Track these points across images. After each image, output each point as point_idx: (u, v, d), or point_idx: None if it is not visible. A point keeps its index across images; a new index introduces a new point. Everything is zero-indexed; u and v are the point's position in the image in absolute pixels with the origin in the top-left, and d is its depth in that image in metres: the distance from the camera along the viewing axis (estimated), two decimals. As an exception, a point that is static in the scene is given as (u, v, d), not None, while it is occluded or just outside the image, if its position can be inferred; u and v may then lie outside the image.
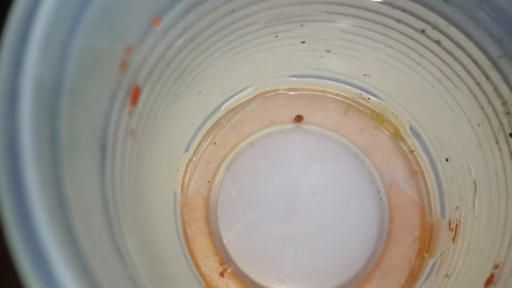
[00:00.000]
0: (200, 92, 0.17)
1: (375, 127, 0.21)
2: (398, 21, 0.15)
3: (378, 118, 0.21)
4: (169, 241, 0.16)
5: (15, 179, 0.08)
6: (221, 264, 0.19)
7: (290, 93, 0.21)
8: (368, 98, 0.20)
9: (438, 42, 0.15)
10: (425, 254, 0.19)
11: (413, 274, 0.19)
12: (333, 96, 0.21)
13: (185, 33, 0.13)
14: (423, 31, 0.15)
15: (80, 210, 0.09)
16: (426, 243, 0.20)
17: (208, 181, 0.20)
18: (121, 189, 0.12)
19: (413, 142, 0.20)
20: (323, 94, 0.21)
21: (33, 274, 0.07)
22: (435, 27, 0.14)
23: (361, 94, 0.20)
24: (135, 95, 0.12)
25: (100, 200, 0.10)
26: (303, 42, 0.18)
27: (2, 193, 0.08)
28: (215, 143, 0.20)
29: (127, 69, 0.11)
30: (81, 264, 0.08)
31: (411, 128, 0.20)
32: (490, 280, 0.14)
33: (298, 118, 0.21)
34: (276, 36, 0.17)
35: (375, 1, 0.15)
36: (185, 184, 0.20)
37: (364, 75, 0.19)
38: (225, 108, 0.20)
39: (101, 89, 0.10)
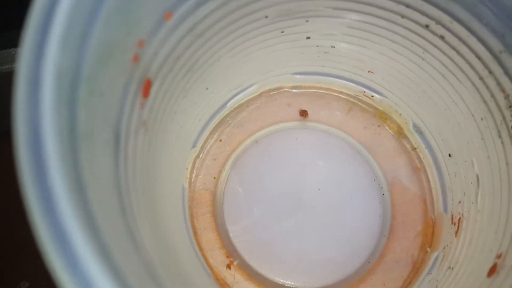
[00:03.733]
0: (207, 88, 0.17)
1: (379, 125, 0.21)
2: (403, 16, 0.15)
3: (381, 116, 0.21)
4: (178, 233, 0.16)
5: (38, 163, 0.08)
6: (227, 257, 0.19)
7: (294, 90, 0.21)
8: (372, 96, 0.21)
9: (442, 37, 0.15)
10: (428, 248, 0.20)
11: (416, 268, 0.20)
12: (337, 94, 0.21)
13: (195, 28, 0.13)
14: (427, 26, 0.15)
15: (97, 195, 0.09)
16: (428, 238, 0.20)
17: (215, 177, 0.20)
18: (133, 178, 0.12)
19: (416, 139, 0.21)
20: (327, 92, 0.21)
21: (56, 255, 0.08)
22: (438, 22, 0.15)
23: (364, 92, 0.21)
24: (146, 87, 0.12)
25: (114, 187, 0.11)
26: (308, 38, 0.18)
27: (26, 176, 0.08)
28: (221, 140, 0.21)
29: (139, 62, 0.12)
30: (101, 247, 0.08)
31: (414, 126, 0.20)
32: (492, 270, 0.15)
33: (303, 113, 0.21)
34: (282, 32, 0.17)
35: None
36: (193, 180, 0.20)
37: (369, 71, 0.19)
38: (231, 105, 0.20)
39: (115, 80, 0.11)
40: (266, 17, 0.15)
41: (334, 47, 0.18)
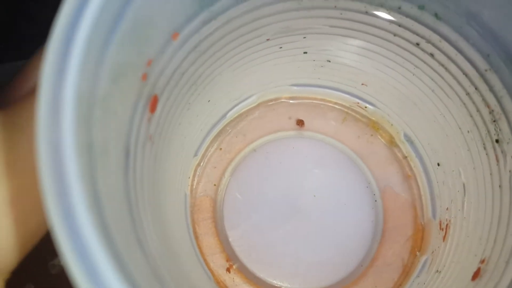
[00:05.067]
0: (209, 101, 0.18)
1: (371, 135, 0.22)
2: (395, 34, 0.16)
3: (374, 126, 0.22)
4: (181, 239, 0.17)
5: (59, 179, 0.09)
6: (227, 261, 0.20)
7: (291, 101, 0.22)
8: (365, 107, 0.21)
9: (431, 55, 0.16)
10: (417, 252, 0.21)
11: (406, 271, 0.21)
12: (332, 105, 0.22)
13: (199, 46, 0.14)
14: (417, 44, 0.16)
15: (111, 207, 0.10)
16: (418, 242, 0.21)
17: (215, 184, 0.21)
18: (141, 190, 0.13)
19: (406, 149, 0.21)
20: (322, 102, 0.22)
21: (76, 264, 0.08)
22: (428, 41, 0.16)
23: (358, 103, 0.21)
24: (153, 103, 0.13)
25: (125, 199, 0.11)
26: (305, 53, 0.19)
27: (48, 192, 0.08)
28: (221, 149, 0.21)
29: (147, 80, 0.12)
30: (116, 256, 0.09)
31: (405, 135, 0.21)
32: (476, 274, 0.15)
33: (300, 123, 0.22)
34: (281, 47, 0.18)
35: (373, 17, 0.16)
36: (194, 187, 0.20)
37: (362, 84, 0.20)
38: (230, 116, 0.21)
39: (126, 98, 0.11)
40: (268, 40, 0.16)
41: (329, 61, 0.19)
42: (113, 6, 0.10)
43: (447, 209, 0.19)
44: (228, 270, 0.20)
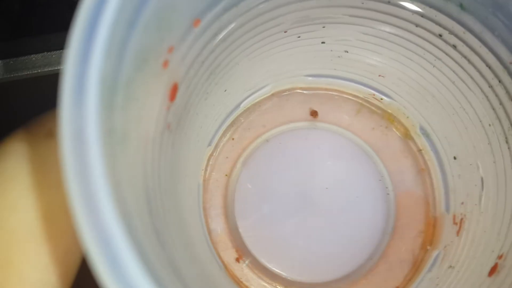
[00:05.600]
0: (225, 90, 0.17)
1: (386, 127, 0.22)
2: (417, 25, 0.16)
3: (389, 118, 0.22)
4: (194, 228, 0.17)
5: (82, 163, 0.08)
6: (236, 251, 0.20)
7: (305, 92, 0.22)
8: (381, 99, 0.21)
9: (454, 46, 0.16)
10: (428, 246, 0.20)
11: (416, 266, 0.20)
12: (347, 96, 0.22)
13: (219, 34, 0.14)
14: (440, 36, 0.16)
15: (131, 195, 0.10)
16: (429, 237, 0.21)
17: (226, 175, 0.21)
18: (158, 178, 0.12)
19: (422, 142, 0.21)
20: (337, 93, 0.22)
21: (98, 251, 0.08)
22: (451, 32, 0.15)
23: (374, 95, 0.21)
24: (173, 91, 0.13)
25: (143, 187, 0.11)
26: (323, 43, 0.18)
27: (70, 176, 0.08)
28: (233, 139, 0.21)
29: (168, 67, 0.12)
30: (138, 245, 0.09)
31: (421, 128, 0.21)
32: (493, 269, 0.15)
33: (313, 114, 0.22)
34: (299, 37, 0.17)
35: (396, 7, 0.16)
36: (207, 177, 0.20)
37: (379, 75, 0.20)
38: (244, 106, 0.21)
39: (147, 85, 0.11)
40: (286, 30, 0.16)
41: (347, 52, 0.19)
42: (137, -11, 0.10)
43: (462, 203, 0.19)
44: (237, 260, 0.20)
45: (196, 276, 0.14)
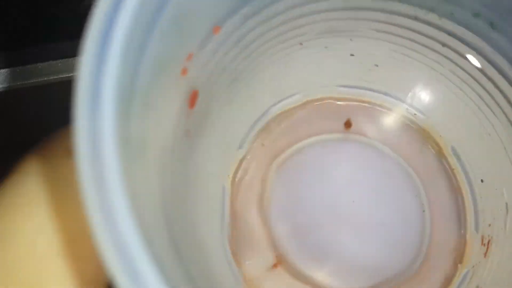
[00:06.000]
0: (251, 96, 0.18)
1: (422, 143, 0.22)
2: (444, 45, 0.16)
3: (424, 135, 0.21)
4: (211, 238, 0.17)
5: (98, 173, 0.08)
6: (276, 257, 0.20)
7: (338, 102, 0.22)
8: (414, 114, 0.21)
9: (480, 69, 0.15)
10: (459, 264, 0.20)
11: (446, 283, 0.20)
12: (380, 109, 0.22)
13: (240, 41, 0.14)
14: (466, 57, 0.15)
15: (147, 204, 0.10)
16: (460, 255, 0.20)
17: (256, 181, 0.21)
18: (175, 186, 0.12)
19: (454, 162, 0.21)
20: (370, 106, 0.22)
21: (116, 263, 0.08)
22: (480, 52, 0.15)
23: (407, 109, 0.21)
24: (193, 99, 0.13)
25: (159, 196, 0.11)
26: (352, 55, 0.18)
27: (87, 187, 0.08)
28: (263, 145, 0.21)
29: (187, 75, 0.12)
30: (157, 258, 0.08)
31: (453, 149, 0.21)
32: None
33: (347, 125, 0.22)
34: (326, 47, 0.17)
35: (422, 23, 0.15)
36: (236, 182, 0.20)
37: (410, 92, 0.20)
38: (274, 112, 0.21)
39: (165, 93, 0.11)
40: (310, 39, 0.16)
41: (377, 66, 0.19)
42: (154, -4, 0.10)
43: (489, 225, 0.19)
44: (275, 266, 0.20)
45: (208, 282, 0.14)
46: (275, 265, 0.19)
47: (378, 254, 0.20)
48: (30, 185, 0.10)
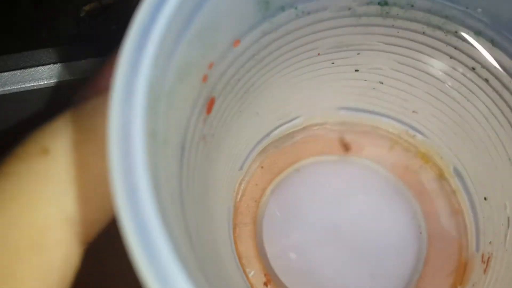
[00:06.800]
0: (257, 112, 0.18)
1: (420, 166, 0.22)
2: (451, 57, 0.16)
3: (423, 157, 0.22)
4: (223, 246, 0.17)
5: (127, 161, 0.09)
6: (265, 275, 0.20)
7: (337, 126, 0.22)
8: (414, 135, 0.21)
9: (486, 80, 0.16)
10: (458, 286, 0.20)
11: None
12: (380, 132, 0.22)
13: (257, 55, 0.15)
14: (473, 69, 0.16)
15: (168, 198, 0.11)
16: (460, 276, 0.20)
17: (256, 201, 0.21)
18: (192, 187, 0.13)
19: (455, 183, 0.21)
20: (370, 129, 0.22)
21: (139, 246, 0.09)
22: (484, 66, 0.16)
23: (407, 131, 0.21)
24: (210, 105, 0.14)
25: (178, 193, 0.12)
26: (356, 70, 0.19)
27: (116, 173, 0.09)
28: (262, 167, 0.21)
29: (207, 82, 0.13)
30: (176, 245, 0.09)
31: (455, 169, 0.21)
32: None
33: (346, 148, 0.22)
34: (333, 63, 0.18)
35: (430, 37, 0.16)
36: (237, 202, 0.21)
37: (413, 111, 0.20)
38: (274, 135, 0.21)
39: (187, 96, 0.12)
40: (319, 54, 0.17)
41: (382, 83, 0.19)
42: (186, 9, 0.11)
43: (490, 242, 0.19)
44: (265, 284, 0.20)
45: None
46: (265, 284, 0.20)
47: (370, 279, 0.20)
48: (7, 184, 0.11)
